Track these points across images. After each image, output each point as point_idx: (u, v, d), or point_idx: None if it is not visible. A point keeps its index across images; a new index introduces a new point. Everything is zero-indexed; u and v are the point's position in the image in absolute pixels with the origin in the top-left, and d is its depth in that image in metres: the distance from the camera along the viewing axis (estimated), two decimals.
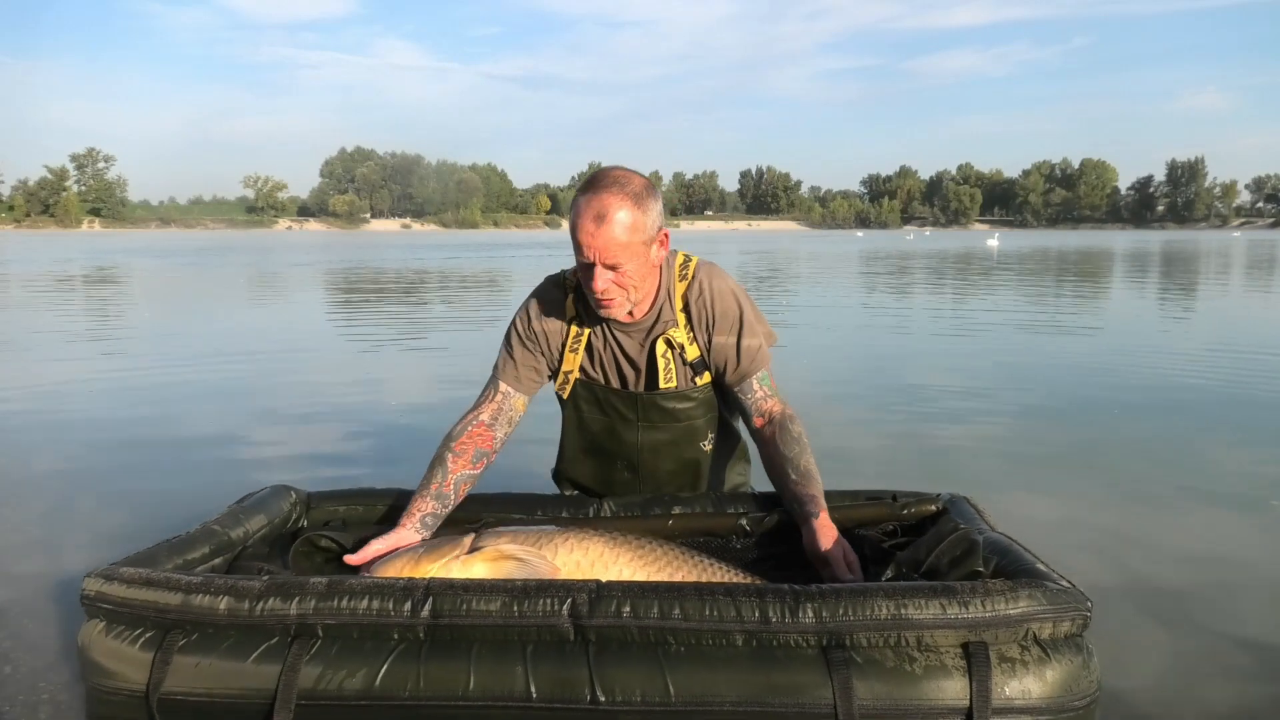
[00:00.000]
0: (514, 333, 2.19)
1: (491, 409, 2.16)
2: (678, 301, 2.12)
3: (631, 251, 1.93)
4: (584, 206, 1.92)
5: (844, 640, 1.49)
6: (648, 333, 2.13)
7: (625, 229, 1.90)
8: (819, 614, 1.49)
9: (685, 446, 2.24)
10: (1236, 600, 2.21)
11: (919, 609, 1.49)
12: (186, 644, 1.56)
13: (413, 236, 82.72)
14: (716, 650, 1.51)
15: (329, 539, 2.07)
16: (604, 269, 1.93)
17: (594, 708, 1.48)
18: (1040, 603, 1.50)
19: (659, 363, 2.13)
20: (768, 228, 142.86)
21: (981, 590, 1.51)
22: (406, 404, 4.93)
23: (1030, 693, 1.48)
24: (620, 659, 1.50)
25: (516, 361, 2.17)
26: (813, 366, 6.32)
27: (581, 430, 2.27)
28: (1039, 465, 3.63)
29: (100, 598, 1.61)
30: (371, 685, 1.50)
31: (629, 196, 1.91)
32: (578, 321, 2.16)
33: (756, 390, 2.13)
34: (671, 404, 2.17)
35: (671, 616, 1.50)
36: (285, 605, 1.54)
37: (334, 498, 2.28)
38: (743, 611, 1.50)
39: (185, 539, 1.88)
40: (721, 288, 2.14)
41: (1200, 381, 5.66)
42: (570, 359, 2.18)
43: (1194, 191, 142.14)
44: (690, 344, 2.13)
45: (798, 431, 2.09)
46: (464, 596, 1.54)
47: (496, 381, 2.19)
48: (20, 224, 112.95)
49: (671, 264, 2.15)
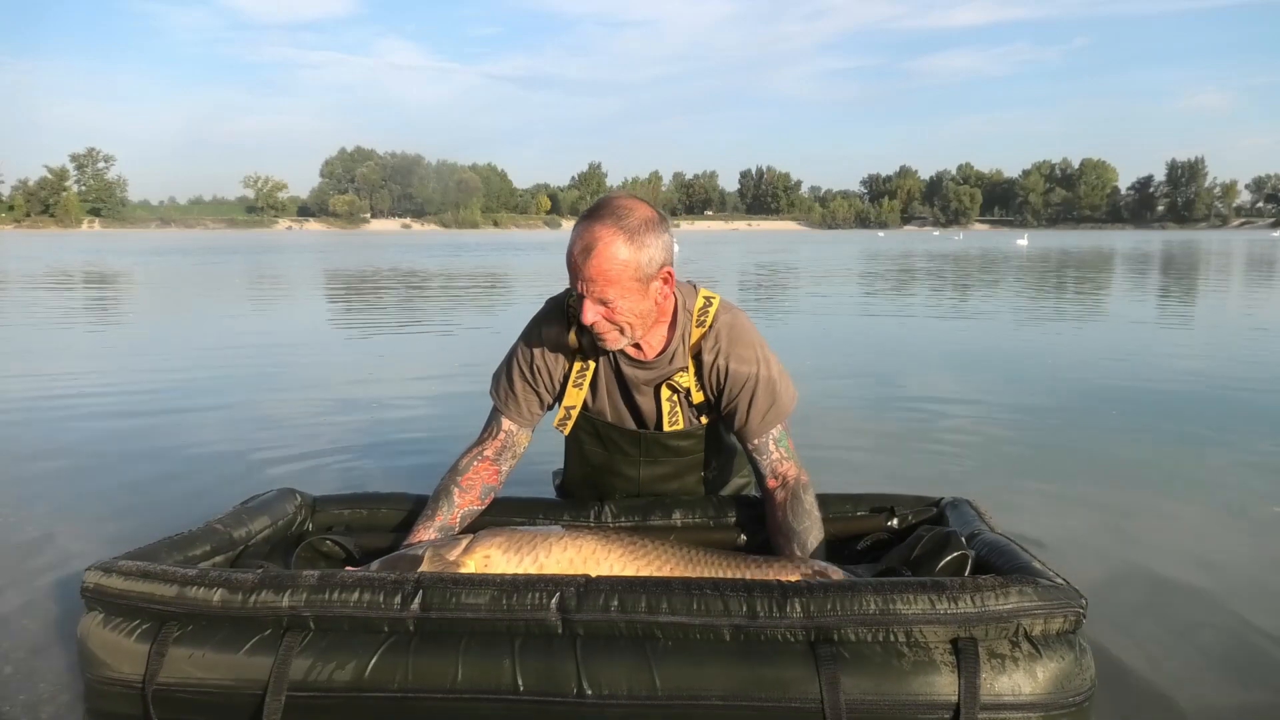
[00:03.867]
0: (516, 365, 2.11)
1: (496, 445, 2.11)
2: (691, 348, 2.04)
3: (623, 288, 1.83)
4: (577, 235, 1.84)
5: (831, 635, 1.49)
6: (656, 373, 2.05)
7: (615, 263, 1.80)
8: (806, 608, 1.49)
9: (689, 477, 2.22)
10: (1236, 601, 2.20)
11: (907, 604, 1.49)
12: (181, 635, 1.58)
13: (413, 236, 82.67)
14: (704, 644, 1.51)
15: (332, 542, 2.08)
16: (593, 302, 1.85)
17: (580, 701, 1.49)
18: (1031, 599, 1.50)
19: (664, 406, 2.07)
20: (768, 228, 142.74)
21: (971, 586, 1.51)
22: (413, 407, 4.92)
23: (1021, 689, 1.48)
24: (607, 653, 1.51)
25: (518, 397, 2.10)
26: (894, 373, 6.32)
27: (583, 462, 2.24)
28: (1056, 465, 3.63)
29: (99, 590, 1.64)
30: (361, 677, 1.52)
31: (623, 231, 1.81)
32: (580, 355, 2.07)
33: (772, 451, 2.04)
34: (675, 442, 2.13)
35: (659, 611, 1.51)
36: (278, 598, 1.56)
37: (339, 502, 2.29)
38: (730, 606, 1.50)
39: (187, 537, 1.90)
40: (740, 339, 2.03)
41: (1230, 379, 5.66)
42: (573, 394, 2.09)
43: (1194, 191, 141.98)
44: (696, 390, 2.06)
45: (809, 504, 1.99)
46: (453, 590, 1.55)
47: (499, 418, 2.13)
48: (20, 224, 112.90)
49: (690, 306, 2.04)
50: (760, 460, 2.05)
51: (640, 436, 2.12)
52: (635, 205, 1.87)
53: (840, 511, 2.21)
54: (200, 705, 1.56)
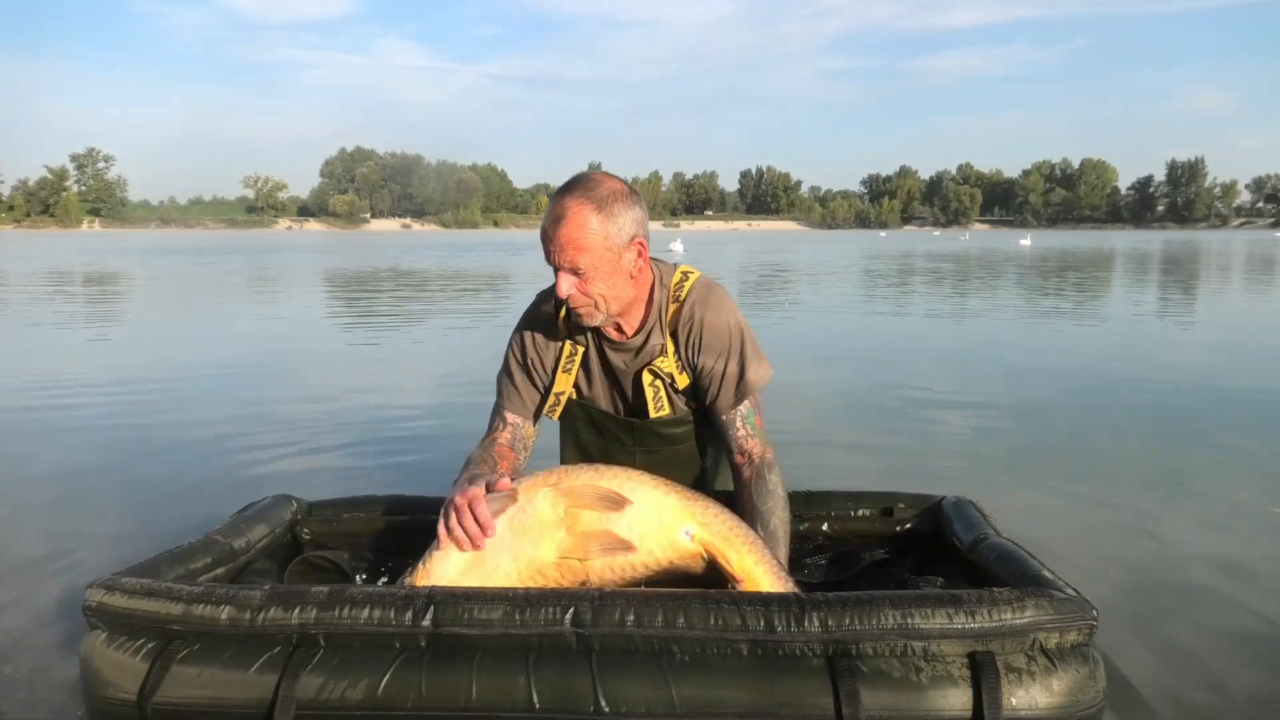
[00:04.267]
0: (512, 359, 2.14)
1: (507, 436, 2.11)
2: (668, 323, 2.05)
3: (594, 257, 1.86)
4: (549, 209, 1.89)
5: (849, 649, 1.48)
6: (636, 355, 2.07)
7: (583, 231, 1.84)
8: (825, 623, 1.48)
9: (686, 466, 2.21)
10: (1244, 605, 2.20)
11: (925, 618, 1.48)
12: (188, 654, 1.55)
13: (413, 236, 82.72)
14: (721, 659, 1.50)
15: (323, 559, 2.07)
16: (566, 273, 1.89)
17: (598, 717, 1.47)
18: (1047, 612, 1.50)
19: (647, 393, 2.07)
20: (768, 228, 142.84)
21: (988, 599, 1.51)
22: (411, 409, 4.92)
23: (1037, 703, 1.47)
24: (624, 668, 1.50)
25: (519, 389, 2.12)
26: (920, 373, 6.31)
27: (579, 450, 2.23)
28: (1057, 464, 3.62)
29: (102, 608, 1.61)
30: (374, 695, 1.50)
31: (590, 200, 1.85)
32: (570, 339, 2.10)
33: (739, 428, 2.04)
34: (668, 430, 2.13)
35: (676, 625, 1.49)
36: (286, 615, 1.53)
37: (334, 506, 2.27)
38: (748, 620, 1.49)
39: (187, 549, 1.88)
40: (715, 312, 2.04)
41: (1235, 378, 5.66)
42: (563, 379, 2.11)
43: (1194, 191, 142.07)
44: (680, 373, 2.07)
45: (774, 483, 1.97)
46: (465, 605, 1.53)
47: (504, 413, 2.13)
48: (20, 224, 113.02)
49: (666, 283, 2.07)
50: (728, 434, 2.05)
51: (632, 425, 2.12)
52: (604, 178, 1.91)
53: (842, 509, 2.21)
54: None
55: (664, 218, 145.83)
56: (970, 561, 1.89)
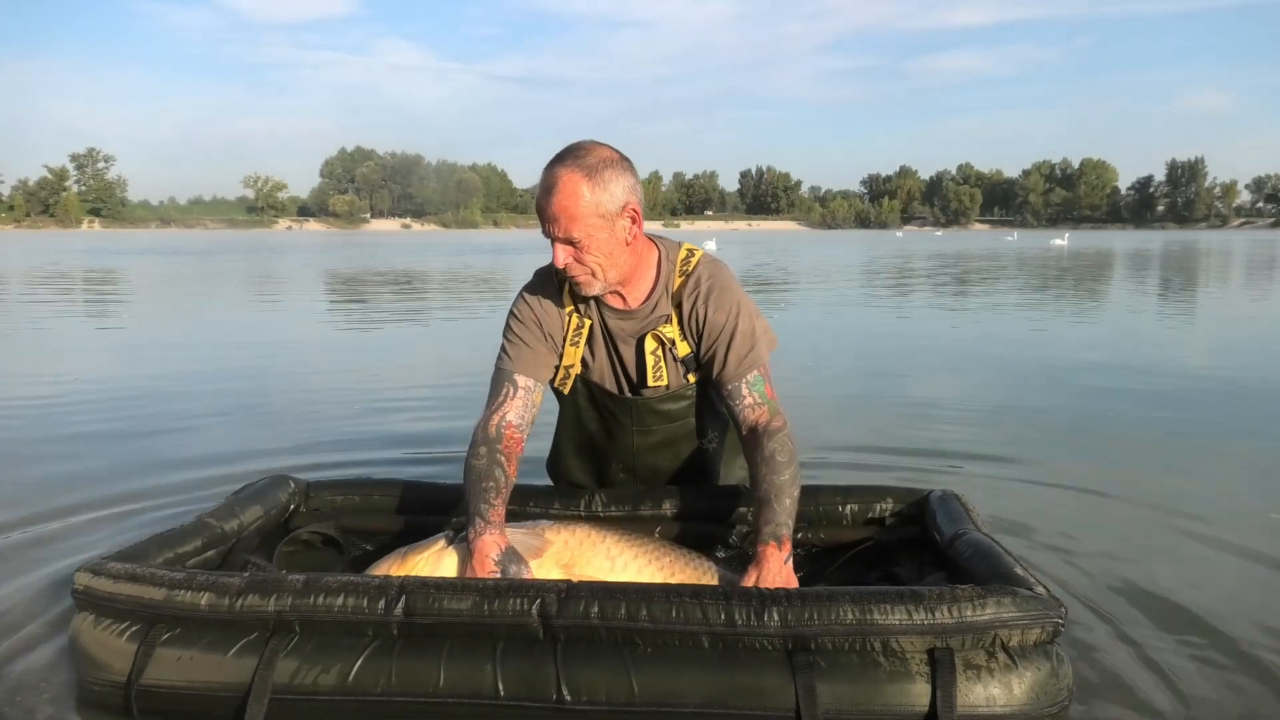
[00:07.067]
0: (517, 323, 2.07)
1: (516, 407, 2.01)
2: (673, 295, 2.06)
3: (587, 225, 1.86)
4: (540, 180, 1.89)
5: (809, 644, 1.50)
6: (640, 322, 2.06)
7: (574, 199, 1.84)
8: (784, 618, 1.50)
9: (684, 445, 2.21)
10: (1225, 610, 2.16)
11: (884, 614, 1.49)
12: (170, 637, 1.60)
13: (413, 236, 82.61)
14: (682, 652, 1.53)
15: (314, 534, 2.10)
16: (561, 243, 1.89)
17: (559, 706, 1.51)
18: (1009, 610, 1.49)
19: (648, 360, 2.07)
20: (768, 228, 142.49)
21: (949, 596, 1.51)
22: (410, 400, 4.94)
23: (996, 700, 1.48)
24: (587, 659, 1.53)
25: (532, 349, 2.05)
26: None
27: (578, 426, 2.22)
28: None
29: (89, 592, 1.65)
30: (345, 681, 1.54)
31: (581, 168, 1.85)
32: (576, 313, 2.08)
33: (745, 397, 2.01)
34: (665, 405, 2.12)
35: (639, 618, 1.52)
36: (264, 602, 1.57)
37: (333, 487, 2.30)
38: (709, 614, 1.51)
39: (178, 532, 1.92)
40: (720, 284, 2.05)
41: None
42: (571, 352, 2.09)
43: (1194, 191, 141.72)
44: (681, 340, 2.07)
45: (771, 450, 1.92)
46: (436, 595, 1.56)
47: (514, 376, 2.03)
48: (20, 224, 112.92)
49: (673, 257, 2.08)
50: (734, 405, 2.03)
51: (631, 403, 2.11)
52: (595, 146, 1.91)
53: (829, 503, 2.21)
54: (187, 706, 1.58)
55: (664, 218, 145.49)
56: (948, 557, 1.90)
